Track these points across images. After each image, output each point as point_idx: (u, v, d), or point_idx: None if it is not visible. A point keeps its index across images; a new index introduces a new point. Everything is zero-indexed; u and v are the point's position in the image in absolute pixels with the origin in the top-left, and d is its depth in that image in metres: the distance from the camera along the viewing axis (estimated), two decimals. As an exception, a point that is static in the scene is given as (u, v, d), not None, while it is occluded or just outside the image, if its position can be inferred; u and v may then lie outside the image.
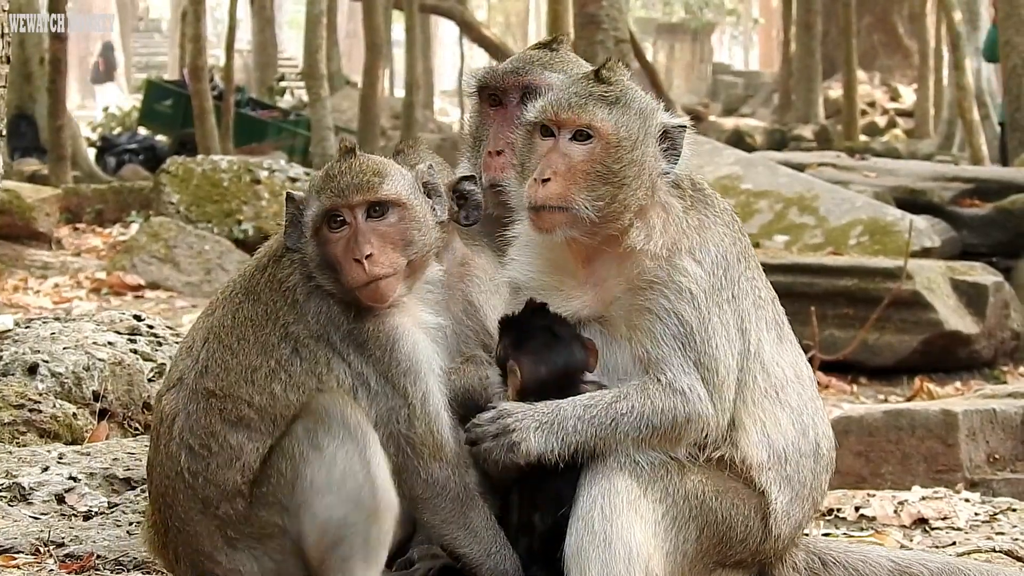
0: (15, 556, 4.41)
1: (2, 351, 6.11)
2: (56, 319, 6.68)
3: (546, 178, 3.63)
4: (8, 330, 6.37)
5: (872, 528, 5.28)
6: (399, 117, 31.59)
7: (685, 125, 3.76)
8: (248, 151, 25.09)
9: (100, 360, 6.14)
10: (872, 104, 41.12)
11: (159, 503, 3.74)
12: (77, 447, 5.50)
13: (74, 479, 5.00)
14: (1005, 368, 11.63)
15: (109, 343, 6.31)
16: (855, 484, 6.77)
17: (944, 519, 5.23)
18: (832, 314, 11.40)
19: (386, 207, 3.69)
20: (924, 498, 5.47)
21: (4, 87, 5.16)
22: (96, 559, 4.36)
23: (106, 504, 4.87)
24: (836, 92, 38.08)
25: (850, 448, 7.13)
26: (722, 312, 3.68)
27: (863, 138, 33.33)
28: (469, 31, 36.39)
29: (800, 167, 16.04)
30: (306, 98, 27.92)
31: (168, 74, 47.78)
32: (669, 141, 3.73)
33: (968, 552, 4.75)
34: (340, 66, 39.32)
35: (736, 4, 70.79)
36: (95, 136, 31.87)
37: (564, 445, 3.57)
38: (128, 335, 6.47)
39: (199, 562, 3.68)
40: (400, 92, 39.97)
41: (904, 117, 40.47)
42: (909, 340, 11.31)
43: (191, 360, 3.75)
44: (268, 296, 3.74)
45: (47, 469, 5.08)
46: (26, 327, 6.45)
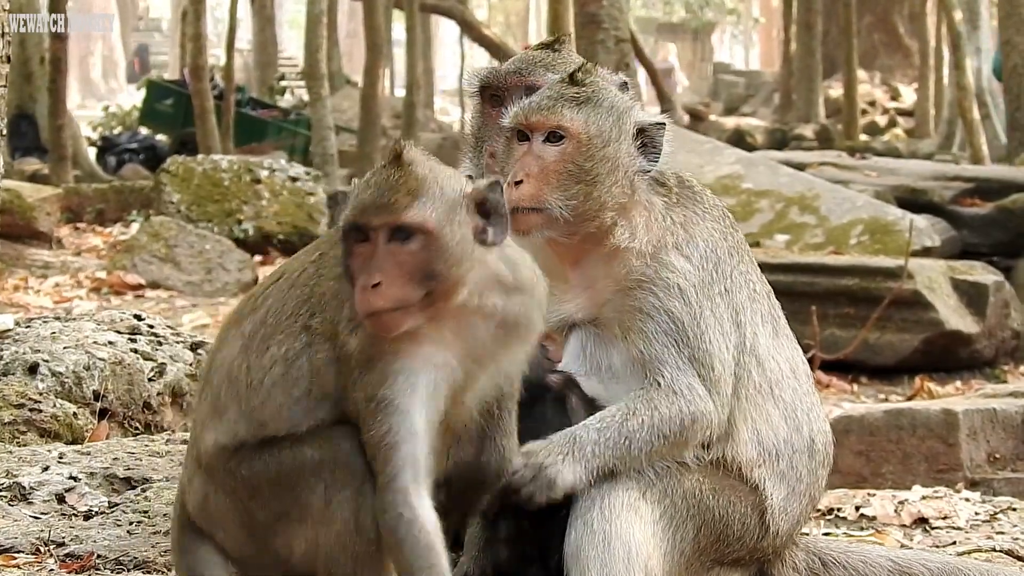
0: (15, 556, 4.40)
1: (2, 350, 6.11)
2: (56, 318, 6.68)
3: (519, 180, 3.63)
4: (8, 329, 6.37)
5: (872, 527, 5.28)
6: (400, 117, 31.58)
7: (663, 123, 3.74)
8: (249, 151, 25.09)
9: (100, 360, 6.14)
10: (873, 103, 41.11)
11: None
12: (77, 447, 5.50)
13: (74, 479, 4.99)
14: (1006, 367, 11.62)
15: (109, 343, 6.31)
16: (855, 483, 6.77)
17: (944, 518, 5.23)
18: (833, 313, 11.39)
19: (410, 232, 3.27)
20: (924, 497, 5.47)
21: (5, 86, 5.16)
22: (96, 559, 4.35)
23: (106, 504, 4.86)
24: (837, 91, 38.07)
25: (851, 447, 7.12)
26: (714, 306, 3.67)
27: (864, 137, 33.31)
28: (470, 30, 36.40)
29: (801, 166, 16.05)
30: (307, 98, 27.90)
31: (168, 73, 47.79)
32: (646, 139, 3.72)
33: (968, 551, 4.75)
34: (341, 65, 39.32)
35: (737, 3, 70.79)
36: (96, 135, 31.88)
37: (588, 471, 3.55)
38: (129, 335, 6.47)
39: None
40: (401, 92, 39.96)
41: (905, 116, 40.47)
42: (910, 339, 11.30)
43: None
44: (304, 285, 3.48)
45: (47, 469, 5.07)
46: (26, 326, 6.45)
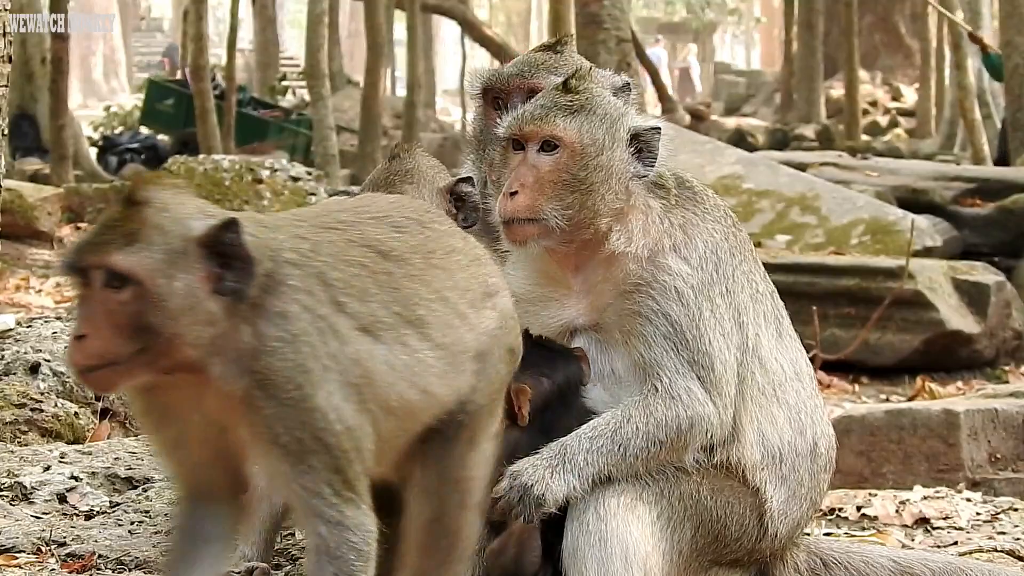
0: (16, 555, 4.40)
1: (4, 350, 6.12)
2: (58, 318, 6.69)
3: (514, 191, 3.63)
4: (10, 329, 6.37)
5: (874, 527, 5.27)
6: (401, 117, 31.56)
7: (658, 128, 3.72)
8: (250, 150, 25.10)
9: (102, 359, 6.13)
10: (874, 104, 41.09)
11: None
12: (79, 446, 5.50)
13: (76, 478, 5.00)
14: (1007, 368, 11.61)
15: (111, 342, 6.30)
16: (857, 483, 6.76)
17: (946, 519, 5.22)
18: (834, 314, 11.38)
19: (122, 279, 2.86)
20: (926, 498, 5.46)
21: (6, 86, 5.17)
22: (98, 558, 4.35)
23: (108, 503, 4.86)
24: (838, 92, 38.05)
25: (852, 448, 7.12)
26: (715, 307, 3.66)
27: (865, 138, 33.30)
28: (471, 30, 36.44)
29: (802, 167, 16.03)
30: (308, 97, 27.89)
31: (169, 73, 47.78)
32: (642, 144, 3.71)
33: (970, 552, 4.74)
34: (342, 65, 39.31)
35: (738, 3, 70.77)
36: (97, 135, 31.88)
37: (581, 480, 3.53)
38: (130, 334, 6.46)
39: None
40: (402, 91, 39.95)
41: (906, 117, 40.44)
42: (911, 340, 11.30)
43: None
44: None
45: (49, 468, 5.07)
46: (28, 326, 6.45)
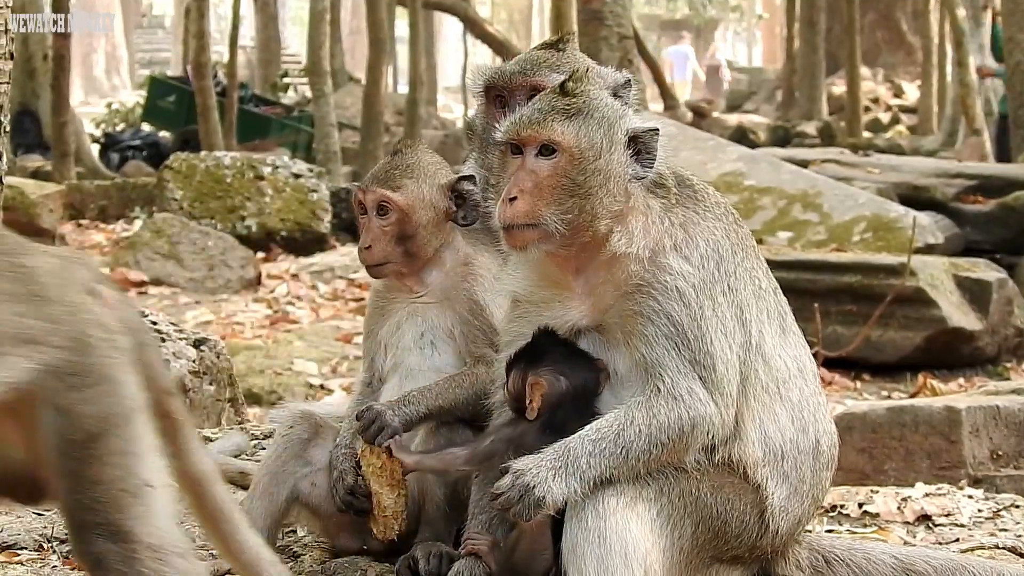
0: (18, 552, 4.41)
1: (6, 347, 6.11)
2: (60, 315, 6.67)
3: (513, 197, 3.62)
4: (12, 326, 6.36)
5: (875, 525, 5.26)
6: (402, 114, 31.54)
7: (656, 128, 3.71)
8: (251, 147, 25.07)
9: (104, 356, 6.13)
10: (875, 101, 41.06)
11: None
12: (81, 443, 5.49)
13: (78, 475, 4.98)
14: (1008, 365, 11.59)
15: (112, 339, 6.30)
16: (858, 480, 6.75)
17: (947, 516, 5.21)
18: (835, 311, 11.36)
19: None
20: (927, 495, 5.45)
21: (8, 83, 5.17)
22: (99, 555, 4.35)
23: (109, 500, 4.85)
24: (839, 89, 38.03)
25: (853, 445, 7.11)
26: (716, 305, 3.65)
27: (866, 135, 33.27)
28: (473, 27, 36.41)
29: (803, 163, 16.02)
30: (309, 94, 27.89)
31: (171, 70, 47.80)
32: (640, 145, 3.70)
33: (972, 549, 4.73)
34: (343, 62, 39.28)
35: (739, 0, 70.75)
36: (98, 132, 31.88)
37: (583, 483, 3.53)
38: (131, 331, 6.46)
39: None
40: (404, 88, 39.96)
41: (907, 114, 40.38)
42: (912, 337, 11.27)
43: None
44: None
45: (51, 465, 5.06)
46: (30, 323, 6.44)
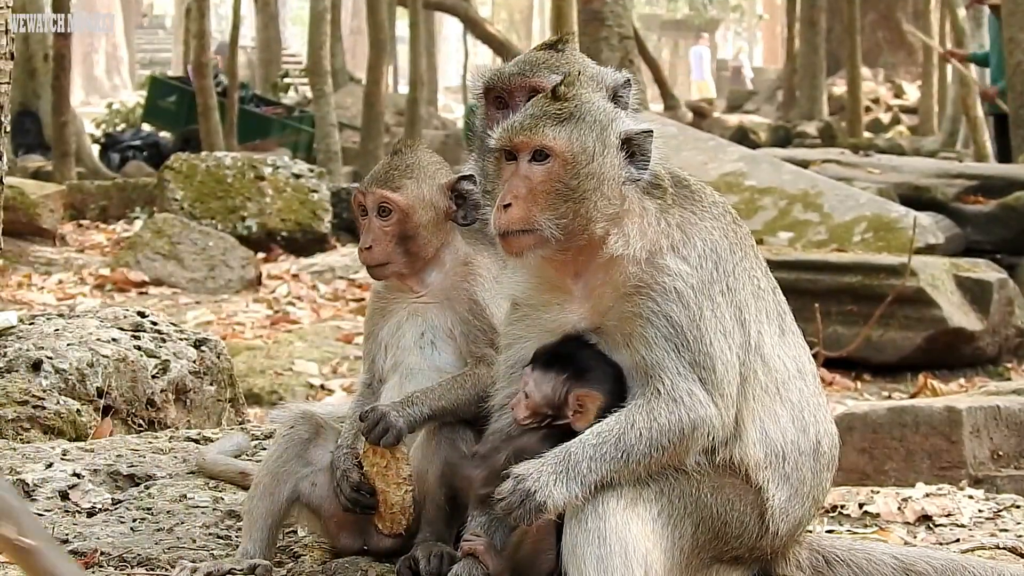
0: (19, 552, 4.40)
1: (6, 348, 6.12)
2: (60, 315, 6.68)
3: (507, 203, 3.61)
4: (12, 326, 6.37)
5: (876, 525, 5.26)
6: (403, 114, 31.55)
7: (650, 130, 3.70)
8: (252, 147, 25.10)
9: (104, 356, 6.14)
10: (876, 101, 41.07)
11: None
12: (81, 444, 5.50)
13: (78, 476, 4.99)
14: (1009, 365, 11.60)
15: (113, 340, 6.31)
16: (859, 481, 6.76)
17: (948, 516, 5.21)
18: (836, 311, 11.37)
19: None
20: (928, 495, 5.45)
21: (8, 83, 5.17)
22: (100, 556, 4.35)
23: (110, 501, 4.86)
24: (840, 89, 38.04)
25: (854, 445, 7.11)
26: (715, 306, 3.64)
27: (867, 135, 33.27)
28: (473, 27, 36.44)
29: (804, 164, 16.03)
30: (310, 94, 27.90)
31: (172, 70, 47.81)
32: (634, 148, 3.69)
33: (972, 549, 4.73)
34: (344, 62, 39.30)
35: (740, 0, 70.74)
36: (99, 133, 31.89)
37: (584, 487, 3.52)
38: (132, 332, 6.47)
39: None
40: (404, 88, 39.97)
41: (908, 114, 40.41)
42: (913, 337, 11.28)
43: None
44: None
45: (51, 466, 5.07)
46: (30, 324, 6.45)
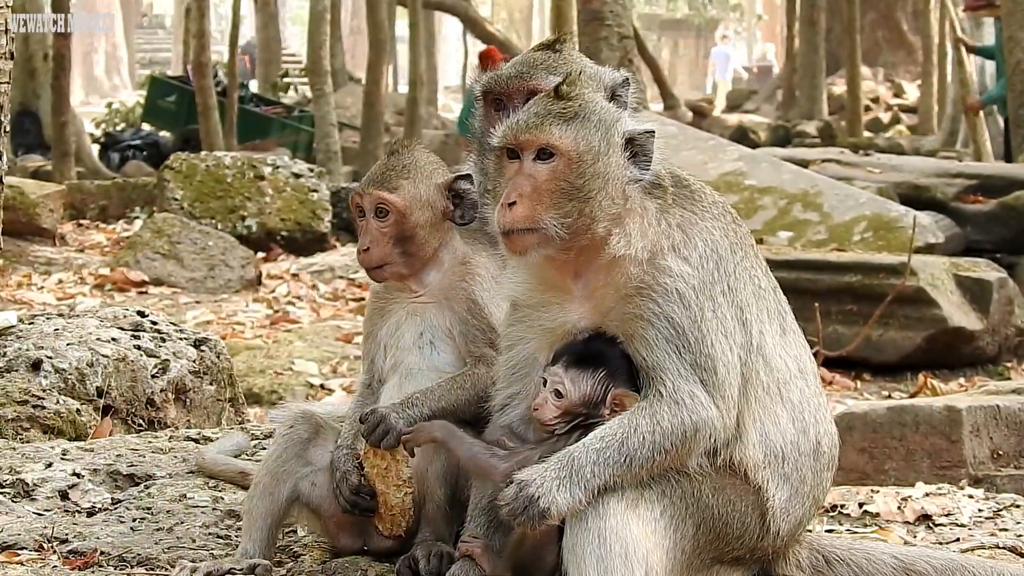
0: (18, 552, 4.41)
1: (6, 347, 6.12)
2: (60, 315, 6.68)
3: (512, 202, 3.61)
4: (12, 326, 6.37)
5: (876, 524, 5.26)
6: (403, 113, 31.56)
7: (652, 131, 3.70)
8: (252, 147, 25.10)
9: (104, 356, 6.14)
10: (876, 100, 41.07)
11: None
12: (81, 443, 5.50)
13: (77, 475, 5.00)
14: (1009, 364, 11.59)
15: (113, 339, 6.31)
16: (859, 480, 6.75)
17: (948, 515, 5.21)
18: (836, 310, 11.36)
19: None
20: (928, 494, 5.45)
21: (8, 83, 5.17)
22: (99, 555, 4.35)
23: (110, 500, 4.86)
24: (840, 88, 38.03)
25: (854, 444, 7.11)
26: (716, 306, 3.64)
27: (867, 134, 33.27)
28: (473, 27, 36.45)
29: (804, 163, 16.02)
30: (310, 94, 27.90)
31: (172, 70, 47.81)
32: (637, 148, 3.69)
33: (972, 548, 4.73)
34: (344, 62, 39.30)
35: (739, 0, 70.76)
36: (99, 132, 31.89)
37: (587, 492, 3.52)
38: (132, 331, 6.47)
39: None
40: (404, 88, 39.97)
41: (908, 113, 40.41)
42: (913, 336, 11.27)
43: None
44: None
45: (51, 465, 5.08)
46: (30, 323, 6.45)
